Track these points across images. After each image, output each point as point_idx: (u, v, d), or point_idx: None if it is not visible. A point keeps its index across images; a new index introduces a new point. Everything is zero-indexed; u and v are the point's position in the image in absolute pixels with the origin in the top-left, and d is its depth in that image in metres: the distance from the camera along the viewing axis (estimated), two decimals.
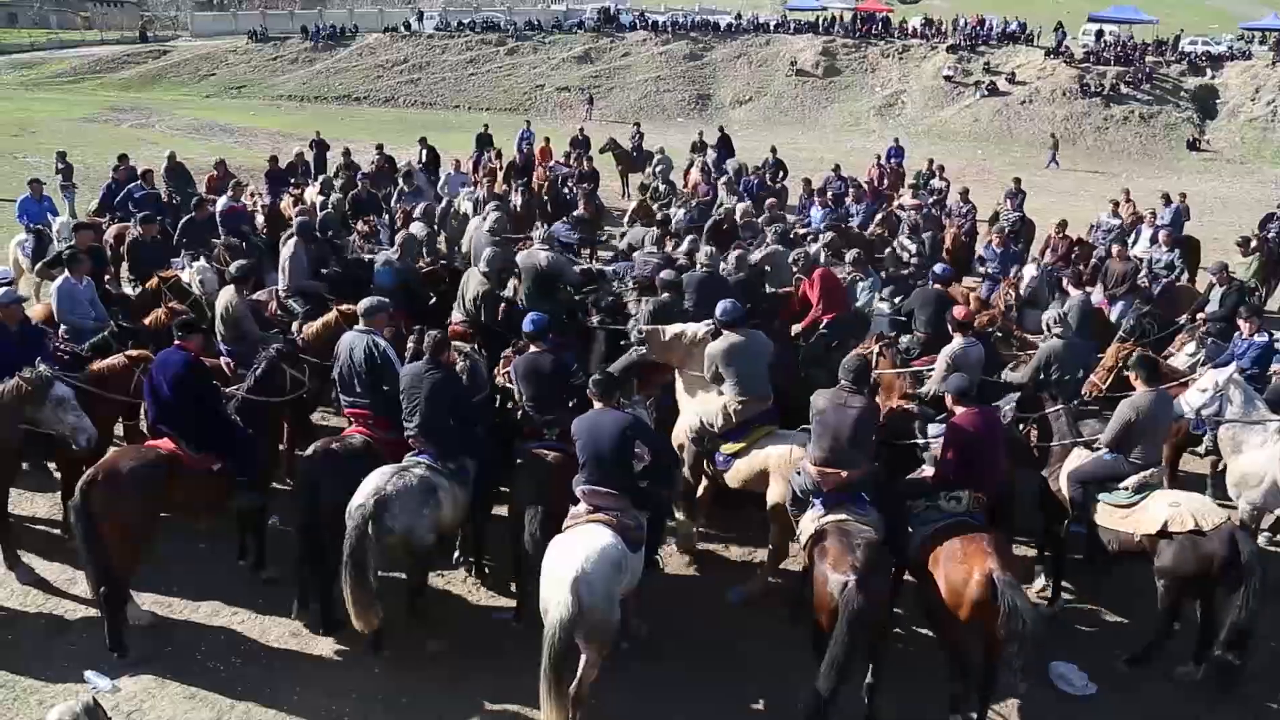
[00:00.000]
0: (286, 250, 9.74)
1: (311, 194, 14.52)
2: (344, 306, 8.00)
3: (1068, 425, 6.89)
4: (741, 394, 6.65)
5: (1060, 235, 13.16)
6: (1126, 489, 6.27)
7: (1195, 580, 5.87)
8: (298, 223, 10.05)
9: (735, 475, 6.82)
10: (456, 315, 8.94)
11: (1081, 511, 6.47)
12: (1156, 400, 6.33)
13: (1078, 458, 6.66)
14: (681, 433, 7.14)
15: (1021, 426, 7.11)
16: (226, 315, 8.03)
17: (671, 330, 7.23)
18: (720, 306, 6.86)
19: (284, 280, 9.66)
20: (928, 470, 6.28)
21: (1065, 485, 6.55)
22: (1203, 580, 5.86)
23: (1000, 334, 9.14)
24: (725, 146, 20.84)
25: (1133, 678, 6.15)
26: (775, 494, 6.47)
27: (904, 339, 8.44)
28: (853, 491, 5.79)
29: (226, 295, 8.15)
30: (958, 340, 7.44)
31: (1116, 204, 15.07)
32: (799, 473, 5.98)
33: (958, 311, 7.68)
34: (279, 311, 9.29)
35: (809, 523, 5.87)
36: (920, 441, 6.64)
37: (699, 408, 7.00)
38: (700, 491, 7.25)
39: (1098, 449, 6.54)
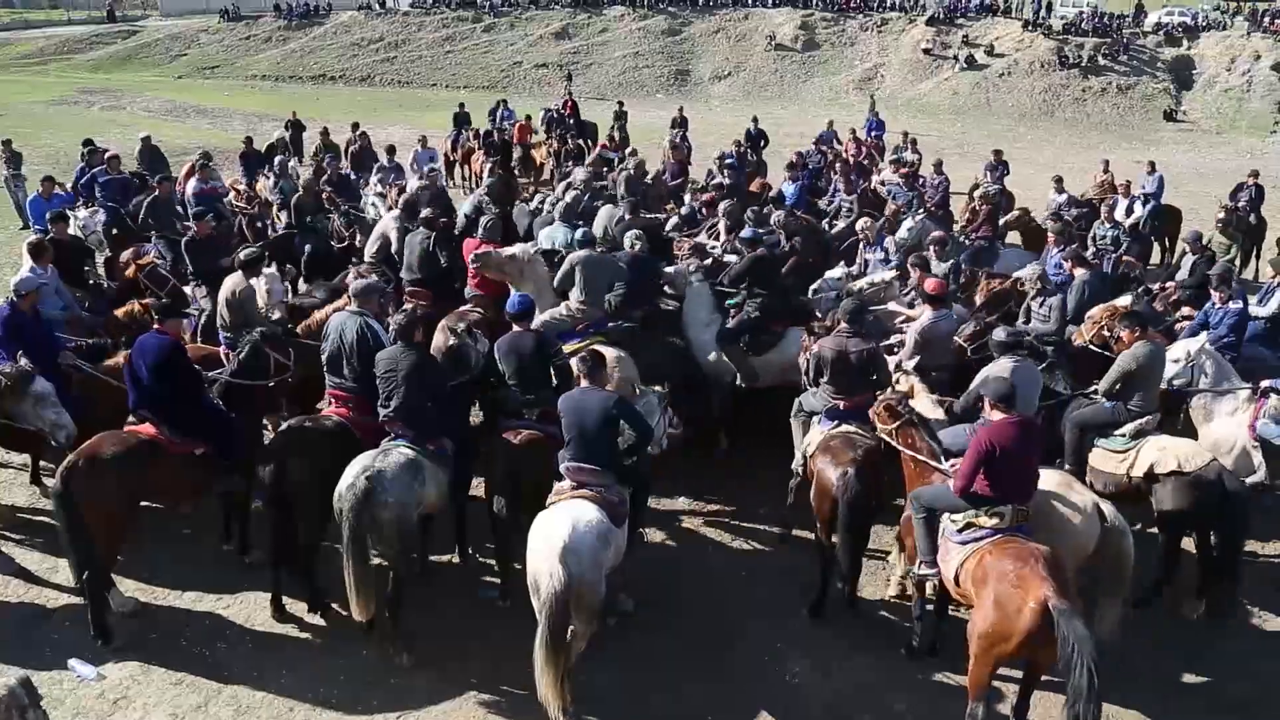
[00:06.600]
0: (395, 235, 8.96)
1: (264, 187, 13.91)
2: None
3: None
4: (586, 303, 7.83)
5: (971, 203, 12.78)
6: (1124, 435, 6.55)
7: (1185, 518, 6.25)
8: (403, 201, 9.25)
9: None
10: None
11: (1075, 455, 6.76)
12: (1152, 351, 6.61)
13: (1075, 406, 6.95)
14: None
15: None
16: (232, 300, 7.75)
17: (507, 252, 8.18)
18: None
19: (406, 268, 8.82)
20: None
21: (1065, 429, 6.83)
22: (1192, 518, 6.24)
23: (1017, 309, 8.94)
24: (574, 113, 23.19)
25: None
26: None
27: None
28: (859, 413, 6.45)
29: (233, 281, 7.88)
30: (928, 313, 7.21)
31: (1060, 179, 14.53)
32: (811, 393, 6.87)
33: (929, 285, 7.38)
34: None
35: (817, 435, 6.54)
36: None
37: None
38: None
39: (1096, 397, 6.80)
